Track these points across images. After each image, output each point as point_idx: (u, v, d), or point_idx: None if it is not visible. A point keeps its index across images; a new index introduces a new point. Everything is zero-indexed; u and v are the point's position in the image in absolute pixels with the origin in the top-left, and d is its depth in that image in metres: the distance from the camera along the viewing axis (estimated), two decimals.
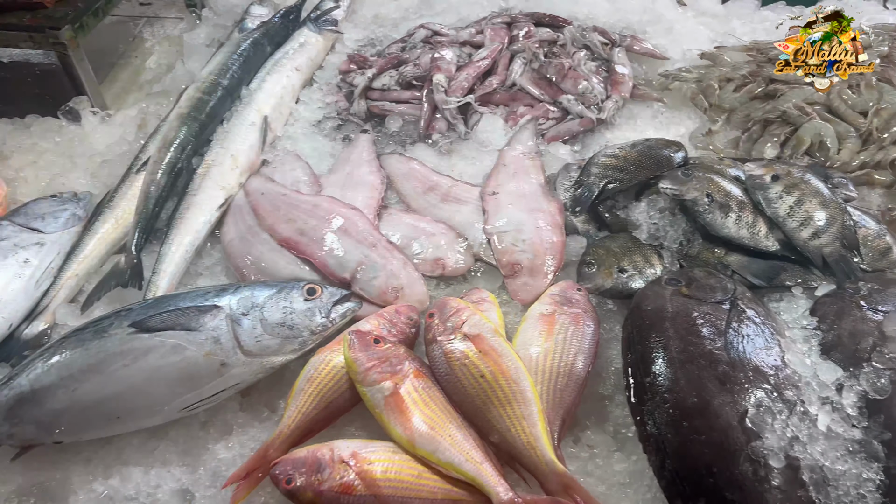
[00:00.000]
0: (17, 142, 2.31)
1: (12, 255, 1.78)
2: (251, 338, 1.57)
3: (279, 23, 2.61)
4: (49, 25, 2.21)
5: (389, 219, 1.98)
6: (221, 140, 2.12)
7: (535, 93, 2.29)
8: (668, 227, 1.77)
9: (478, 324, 1.55)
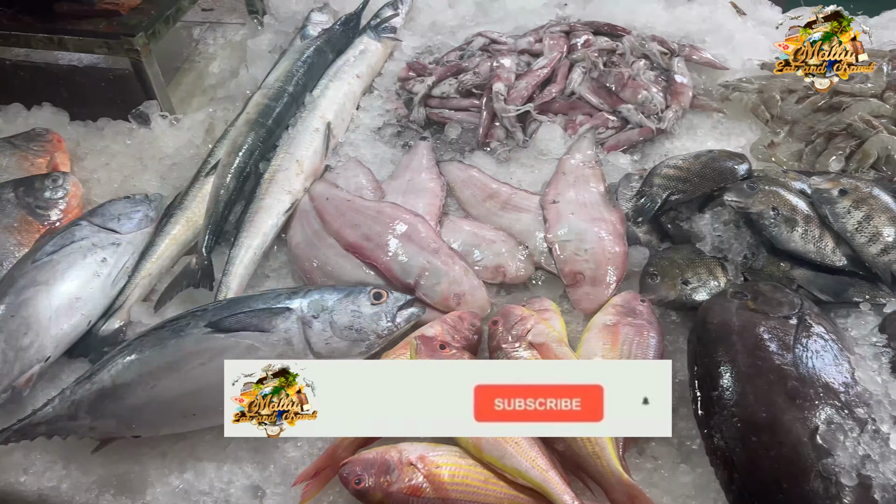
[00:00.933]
0: (91, 144, 2.40)
1: (91, 255, 1.86)
2: (321, 340, 1.62)
3: (340, 30, 2.66)
4: (124, 32, 2.30)
5: (450, 225, 2.01)
6: (287, 146, 2.18)
7: (595, 102, 2.30)
8: (732, 240, 1.77)
9: (543, 332, 1.58)
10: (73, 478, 1.60)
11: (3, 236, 1.95)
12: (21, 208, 2.00)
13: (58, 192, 2.06)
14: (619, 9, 2.76)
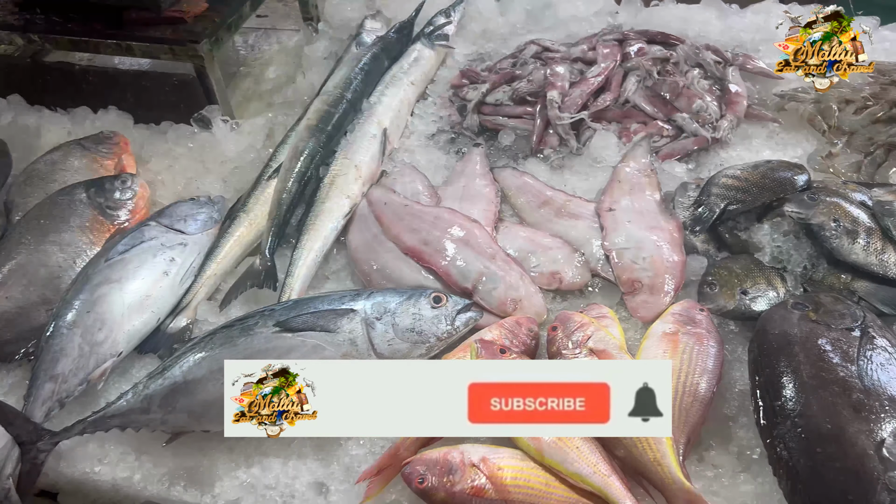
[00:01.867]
0: (154, 147, 2.48)
1: (160, 254, 1.92)
2: (384, 341, 1.66)
3: (394, 37, 2.71)
4: (189, 39, 2.37)
5: (506, 231, 2.04)
6: (346, 151, 2.23)
7: (649, 110, 2.32)
8: (792, 251, 1.77)
9: (603, 339, 1.60)
10: (145, 469, 1.66)
11: (77, 235, 2.02)
12: (93, 208, 2.08)
13: (126, 193, 2.13)
14: (672, 17, 2.77)
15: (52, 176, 2.24)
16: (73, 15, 2.51)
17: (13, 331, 1.88)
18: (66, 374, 1.73)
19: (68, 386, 1.73)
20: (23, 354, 1.86)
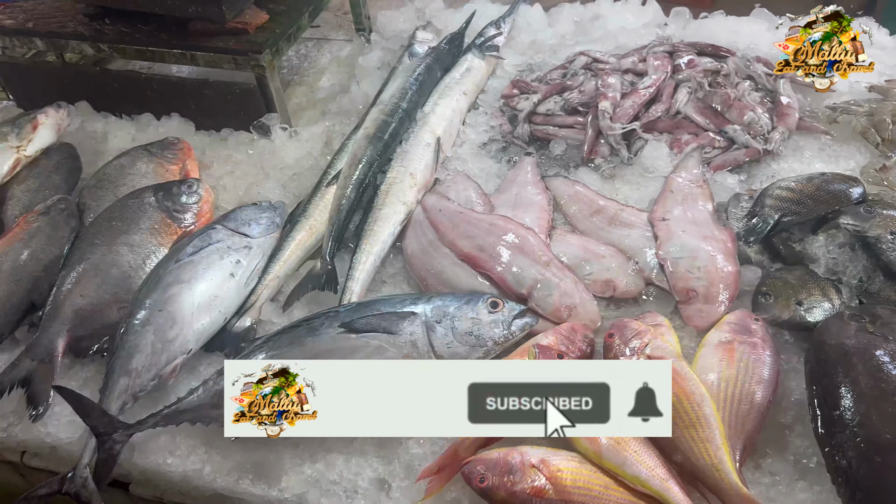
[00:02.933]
0: (215, 152, 2.57)
1: (227, 256, 2.00)
2: (443, 344, 1.71)
3: (446, 48, 2.77)
4: (251, 50, 2.46)
5: (559, 239, 2.08)
6: (401, 159, 2.30)
7: (701, 121, 2.34)
8: (847, 263, 1.79)
9: (660, 347, 1.63)
10: (214, 462, 1.73)
11: (146, 236, 2.11)
12: (161, 211, 2.16)
13: (192, 196, 2.22)
14: (721, 29, 2.79)
15: (122, 179, 2.34)
16: (140, 25, 2.62)
17: (88, 327, 1.97)
18: (140, 370, 1.81)
19: (142, 381, 1.81)
20: (96, 350, 1.95)
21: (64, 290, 2.00)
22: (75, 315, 1.97)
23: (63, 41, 2.69)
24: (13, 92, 3.00)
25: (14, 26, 2.72)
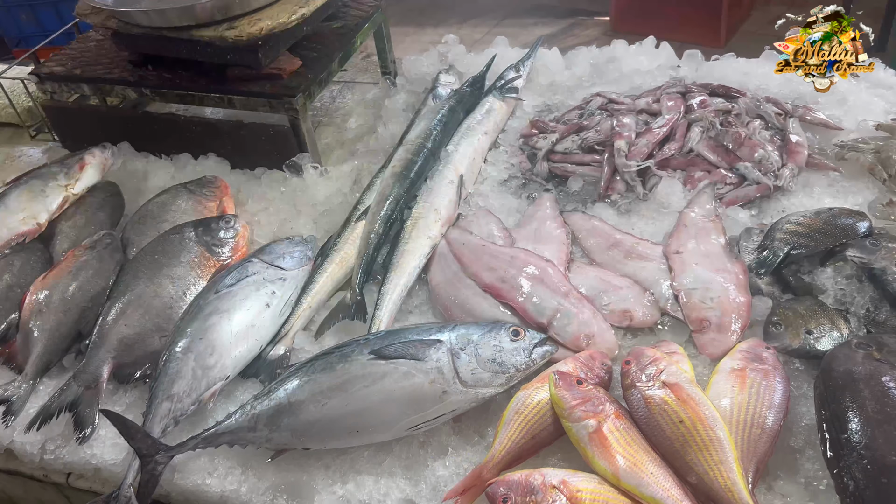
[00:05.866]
0: (250, 190, 2.71)
1: (263, 288, 2.12)
2: (468, 370, 1.80)
3: (468, 90, 2.91)
4: (285, 94, 2.61)
5: (577, 271, 2.18)
6: (426, 196, 2.42)
7: (713, 159, 2.44)
8: (854, 294, 1.86)
9: (675, 373, 1.71)
10: (250, 483, 1.83)
11: (186, 269, 2.24)
12: (200, 246, 2.29)
13: (230, 232, 2.35)
14: (732, 71, 2.90)
15: (163, 216, 2.48)
16: (180, 71, 2.79)
17: (131, 355, 2.09)
18: (181, 395, 1.92)
19: (182, 405, 1.92)
20: (139, 376, 2.07)
21: (109, 320, 2.13)
22: (120, 343, 2.09)
23: (109, 86, 2.86)
24: (59, 133, 3.17)
25: (63, 73, 2.91)
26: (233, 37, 2.47)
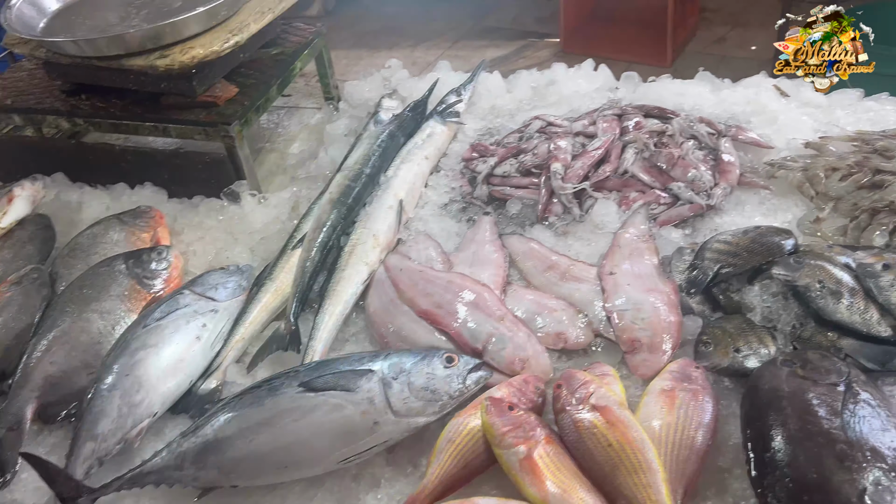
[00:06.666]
0: (187, 220, 2.67)
1: (193, 321, 2.07)
2: (400, 400, 1.78)
3: (409, 115, 2.91)
4: (220, 121, 2.58)
5: (513, 294, 2.18)
6: (364, 222, 2.40)
7: (647, 180, 2.48)
8: (781, 311, 1.89)
9: (605, 396, 1.71)
10: None
11: (116, 303, 2.18)
12: (131, 278, 2.24)
13: (162, 263, 2.30)
14: (668, 92, 2.95)
15: (94, 248, 2.42)
16: (115, 100, 2.74)
17: (57, 394, 2.01)
18: (106, 434, 1.86)
19: (107, 445, 1.86)
20: (64, 416, 2.00)
21: (34, 358, 2.06)
22: (45, 382, 2.02)
23: (40, 116, 2.81)
24: None
25: None
26: (164, 66, 2.44)
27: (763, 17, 6.22)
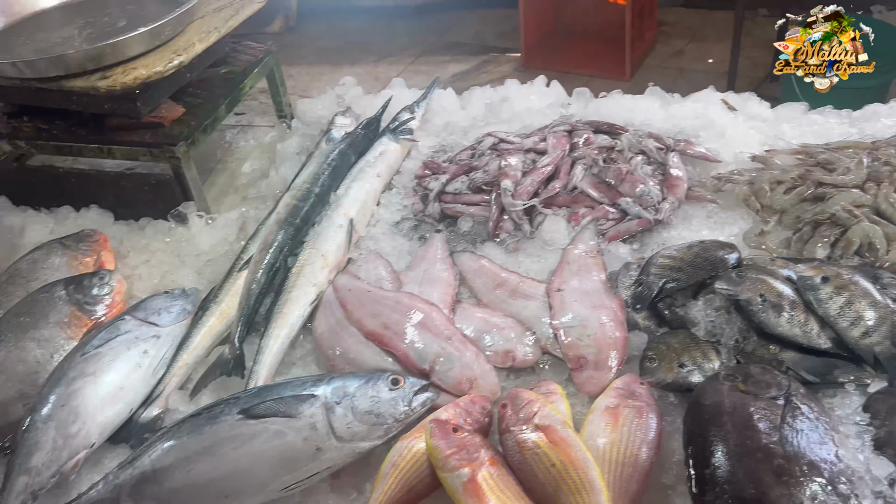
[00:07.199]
0: (133, 242, 2.61)
1: (134, 347, 2.02)
2: (343, 424, 1.75)
3: (362, 133, 2.90)
4: (166, 142, 2.54)
5: (462, 313, 2.16)
6: (313, 241, 2.38)
7: (595, 195, 2.48)
8: (724, 325, 1.90)
9: (548, 415, 1.70)
10: None
11: (55, 331, 2.13)
12: (71, 304, 2.18)
13: (104, 288, 2.25)
14: (618, 107, 2.98)
15: (34, 274, 2.35)
16: (58, 122, 2.69)
17: None
18: (40, 468, 1.80)
19: (41, 479, 1.80)
20: None
21: None
22: None
23: None
24: None
25: None
26: (105, 87, 2.40)
27: (719, 32, 6.31)
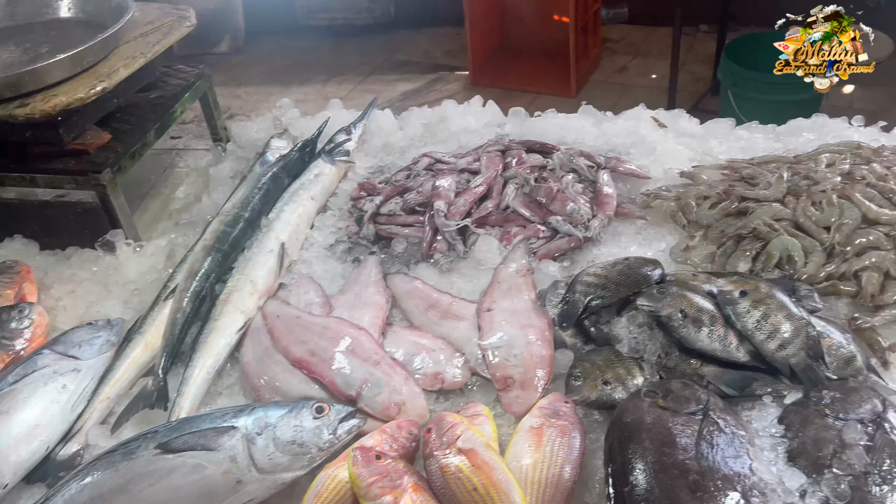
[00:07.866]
0: (59, 272, 2.54)
1: (52, 382, 1.96)
2: (264, 456, 1.71)
3: (296, 155, 2.88)
4: (91, 170, 2.49)
5: (393, 336, 2.15)
6: (242, 267, 2.34)
7: (527, 214, 2.50)
8: (647, 341, 1.92)
9: (471, 438, 1.69)
10: None
11: None
12: None
13: (24, 322, 2.18)
14: (552, 126, 3.02)
15: None
16: None
17: None
18: None
19: None
20: None
21: None
22: None
23: None
24: None
25: None
26: (24, 114, 2.34)
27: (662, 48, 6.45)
